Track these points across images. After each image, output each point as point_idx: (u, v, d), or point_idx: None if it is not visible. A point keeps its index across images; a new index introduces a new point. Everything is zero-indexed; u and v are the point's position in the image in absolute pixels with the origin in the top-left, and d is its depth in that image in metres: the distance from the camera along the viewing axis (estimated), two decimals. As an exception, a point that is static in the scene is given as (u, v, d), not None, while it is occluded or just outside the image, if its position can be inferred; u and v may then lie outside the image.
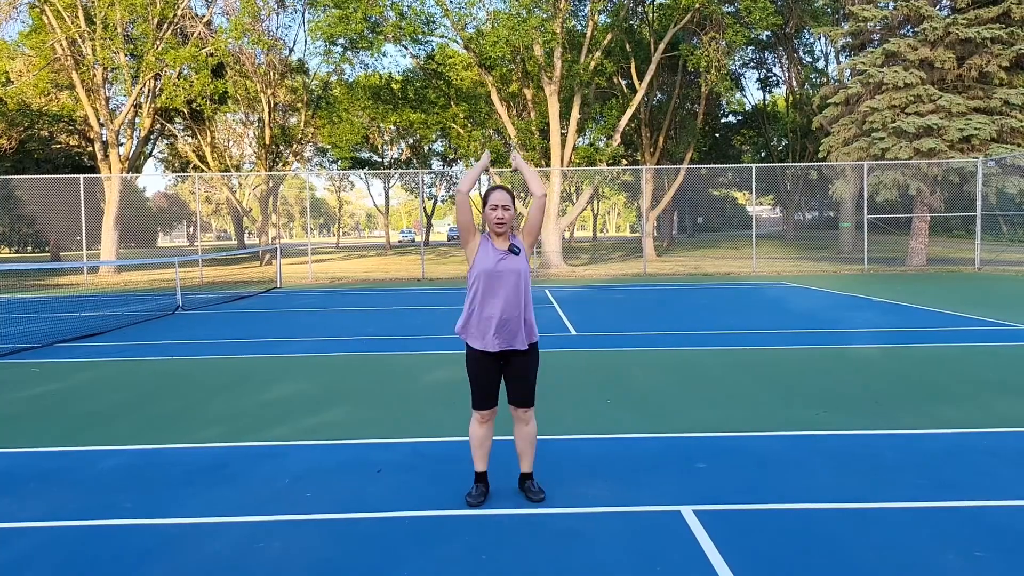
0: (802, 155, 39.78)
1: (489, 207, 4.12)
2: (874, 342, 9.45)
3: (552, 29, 23.48)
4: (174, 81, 27.50)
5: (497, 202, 4.09)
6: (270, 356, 9.26)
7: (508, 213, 4.09)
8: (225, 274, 27.45)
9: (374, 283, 22.26)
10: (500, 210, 4.08)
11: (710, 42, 25.91)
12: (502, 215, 4.08)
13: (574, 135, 26.16)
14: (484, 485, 4.31)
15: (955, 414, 5.94)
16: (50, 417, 6.35)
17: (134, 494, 4.46)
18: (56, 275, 27.38)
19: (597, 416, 6.08)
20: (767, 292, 16.58)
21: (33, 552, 3.69)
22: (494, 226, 4.11)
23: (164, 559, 3.59)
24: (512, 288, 4.08)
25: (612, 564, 3.47)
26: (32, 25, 29.97)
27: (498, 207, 4.08)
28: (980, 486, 4.36)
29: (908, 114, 22.91)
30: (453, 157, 45.98)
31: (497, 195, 4.11)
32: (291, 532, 3.89)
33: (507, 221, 4.10)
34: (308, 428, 5.86)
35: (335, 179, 69.87)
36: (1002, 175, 22.42)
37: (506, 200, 4.09)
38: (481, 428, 4.26)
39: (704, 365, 8.16)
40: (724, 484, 4.46)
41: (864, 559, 3.47)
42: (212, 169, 35.19)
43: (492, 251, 4.12)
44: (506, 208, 4.08)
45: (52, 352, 9.79)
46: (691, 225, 61.82)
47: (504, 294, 4.06)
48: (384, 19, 24.75)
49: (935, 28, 22.65)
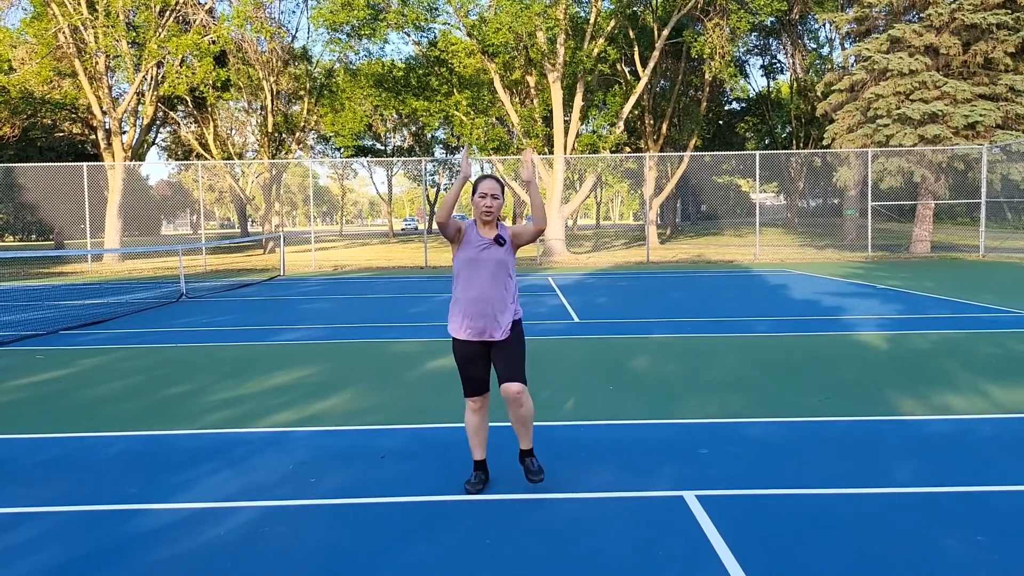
0: (806, 142, 39.62)
1: (478, 195, 4.10)
2: (877, 329, 9.45)
3: (555, 15, 23.37)
4: (176, 69, 27.43)
5: (487, 191, 4.07)
6: (273, 343, 9.29)
7: (497, 202, 4.08)
8: (228, 262, 27.48)
9: (377, 271, 22.27)
10: (489, 199, 4.06)
11: (714, 28, 25.77)
12: (491, 204, 4.07)
13: (577, 122, 26.09)
14: (483, 472, 4.32)
15: (957, 400, 5.95)
16: (55, 404, 6.38)
17: (139, 480, 4.48)
18: (60, 263, 27.42)
19: (600, 402, 6.09)
20: (770, 280, 16.56)
21: (39, 537, 3.72)
22: (482, 214, 4.09)
23: (169, 544, 3.62)
24: (490, 277, 4.06)
25: (615, 549, 3.49)
26: (34, 12, 29.89)
27: (487, 195, 4.07)
28: (981, 472, 4.37)
29: (913, 100, 22.81)
30: (456, 145, 45.86)
31: (487, 184, 4.09)
32: (295, 517, 3.91)
33: (495, 210, 4.08)
34: (311, 414, 5.89)
35: (338, 167, 69.83)
36: (1007, 162, 22.33)
37: (495, 189, 4.08)
38: (475, 416, 4.26)
39: (707, 352, 8.16)
40: (727, 470, 4.48)
41: (866, 544, 3.49)
42: (215, 157, 35.16)
43: (475, 238, 4.10)
44: (495, 197, 4.07)
45: (56, 339, 9.83)
46: (694, 212, 61.66)
47: (481, 282, 4.05)
48: (387, 5, 24.64)
49: (940, 14, 22.51)
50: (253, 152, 41.33)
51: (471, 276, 4.07)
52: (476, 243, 4.09)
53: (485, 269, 4.06)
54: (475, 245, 4.08)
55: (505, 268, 4.11)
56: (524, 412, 4.14)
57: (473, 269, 4.07)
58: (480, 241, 4.09)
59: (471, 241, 4.10)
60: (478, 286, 4.06)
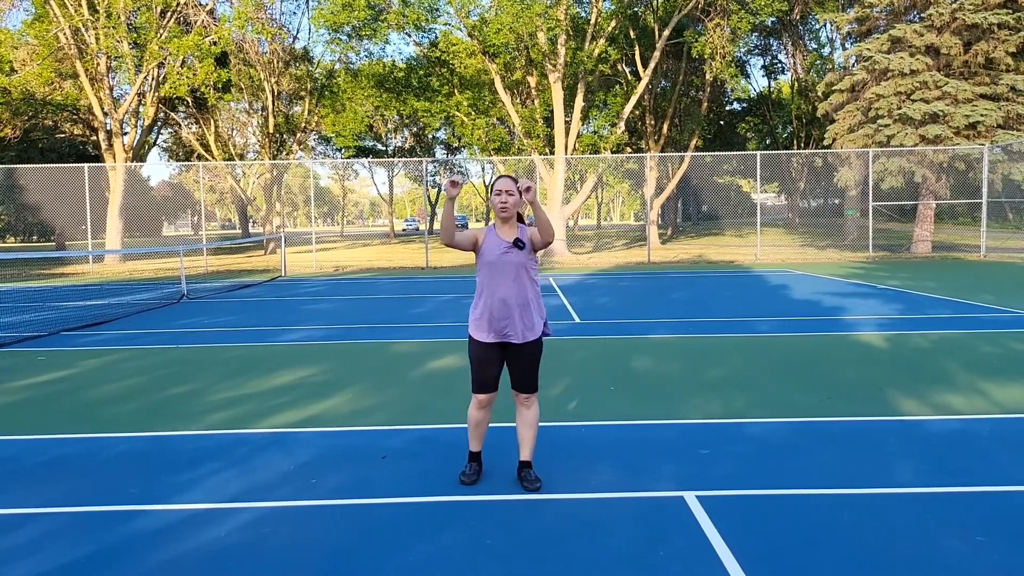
0: (807, 142, 39.62)
1: (494, 192, 4.20)
2: (878, 329, 9.44)
3: (556, 16, 23.37)
4: (178, 70, 27.46)
5: (501, 187, 4.17)
6: (275, 344, 9.29)
7: (512, 198, 4.15)
8: (229, 263, 27.50)
9: (378, 271, 22.28)
10: (504, 195, 4.14)
11: (715, 29, 25.76)
12: (505, 200, 4.14)
13: (578, 123, 26.09)
14: (477, 464, 4.41)
15: (958, 400, 5.95)
16: (56, 405, 6.39)
17: (141, 480, 4.49)
18: (61, 264, 27.46)
19: (601, 403, 6.10)
20: (771, 280, 16.56)
21: (41, 538, 3.72)
22: (498, 211, 4.17)
23: (170, 544, 3.63)
24: (512, 281, 4.14)
25: (615, 549, 3.49)
26: (35, 14, 29.91)
27: (502, 192, 4.15)
28: (983, 472, 4.37)
29: (914, 100, 22.80)
30: (457, 145, 45.89)
31: (501, 182, 4.20)
32: (297, 517, 3.92)
33: (510, 206, 4.15)
34: (313, 415, 5.90)
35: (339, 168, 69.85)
36: (1008, 162, 22.31)
37: (509, 186, 4.16)
38: (479, 412, 4.33)
39: (708, 352, 8.16)
40: (727, 470, 4.48)
41: (867, 544, 3.49)
42: (216, 158, 35.18)
43: (496, 242, 4.19)
44: (510, 193, 4.14)
45: (58, 340, 9.84)
46: (695, 213, 61.66)
47: (505, 286, 4.13)
48: (387, 6, 24.66)
49: (941, 14, 22.50)
50: (254, 153, 41.38)
51: (493, 280, 4.16)
52: (496, 247, 4.17)
53: (507, 273, 4.14)
54: (496, 250, 4.16)
55: (526, 271, 4.19)
56: (532, 415, 4.28)
57: (495, 273, 4.15)
58: (500, 245, 4.17)
59: (491, 246, 4.18)
60: (503, 289, 4.14)
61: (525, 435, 4.30)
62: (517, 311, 4.15)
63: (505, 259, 4.14)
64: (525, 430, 4.30)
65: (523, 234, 4.21)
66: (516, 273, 4.14)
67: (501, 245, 4.16)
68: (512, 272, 4.14)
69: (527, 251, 4.18)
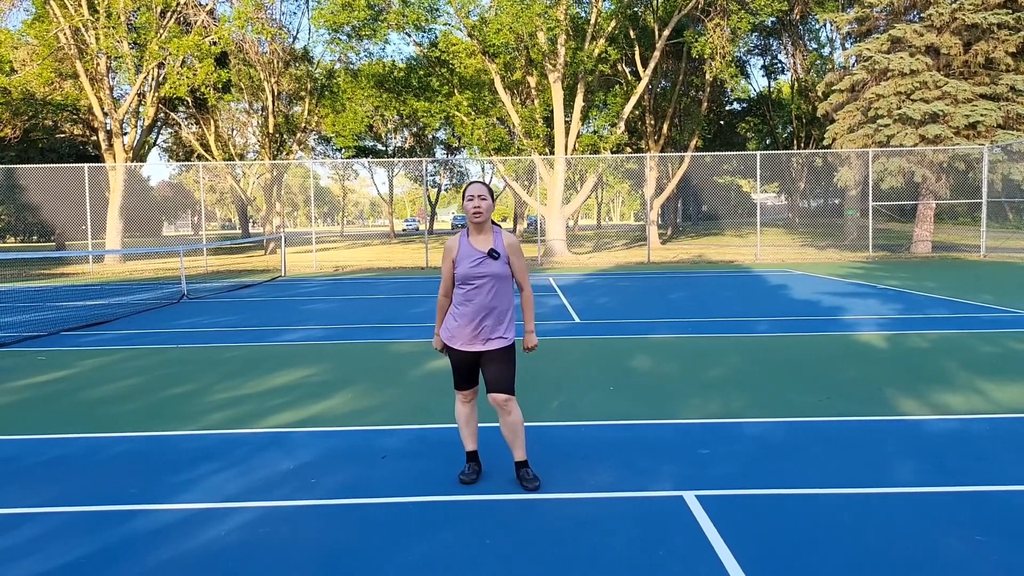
0: (807, 142, 39.62)
1: (467, 199, 4.16)
2: (877, 329, 9.45)
3: (556, 16, 23.38)
4: (178, 70, 27.46)
5: (473, 193, 4.14)
6: (274, 344, 9.30)
7: (485, 203, 4.12)
8: (229, 263, 27.50)
9: (378, 271, 22.28)
10: (476, 199, 4.11)
11: (715, 29, 25.76)
12: (478, 204, 4.11)
13: (578, 123, 26.09)
14: (476, 463, 4.41)
15: (957, 400, 5.95)
16: (56, 404, 6.39)
17: (140, 480, 4.49)
18: (61, 264, 27.46)
19: (600, 402, 6.10)
20: (771, 279, 16.56)
21: (40, 538, 3.73)
22: (471, 216, 4.13)
23: (170, 544, 3.63)
24: (484, 292, 4.11)
25: (615, 549, 3.49)
26: (35, 14, 29.92)
27: (474, 197, 4.12)
28: (982, 472, 4.37)
29: (914, 100, 22.80)
30: (457, 145, 45.89)
31: (472, 188, 4.17)
32: (296, 517, 3.92)
33: (484, 211, 4.12)
34: (312, 415, 5.90)
35: (339, 168, 69.86)
36: (1008, 161, 22.31)
37: (482, 191, 4.14)
38: (464, 407, 4.36)
39: (707, 352, 8.17)
40: (727, 470, 4.48)
41: (866, 544, 3.49)
42: (216, 158, 35.19)
43: (469, 251, 4.14)
44: (482, 198, 4.12)
45: (57, 340, 9.84)
46: (695, 213, 61.70)
47: (478, 298, 4.11)
48: (387, 6, 24.66)
49: (941, 14, 22.50)
50: (254, 153, 41.36)
51: (466, 291, 4.13)
52: (469, 258, 4.13)
53: (481, 285, 4.11)
54: (468, 260, 4.12)
55: (502, 281, 4.15)
56: (513, 420, 4.22)
57: (466, 285, 4.12)
58: (473, 255, 4.12)
59: (464, 255, 4.14)
60: (476, 300, 4.11)
61: (511, 439, 4.27)
62: (489, 321, 4.13)
63: (478, 270, 4.10)
64: (510, 435, 4.26)
65: (498, 242, 4.17)
66: (490, 284, 4.11)
67: (474, 256, 4.12)
68: (487, 283, 4.10)
69: (502, 261, 4.14)
